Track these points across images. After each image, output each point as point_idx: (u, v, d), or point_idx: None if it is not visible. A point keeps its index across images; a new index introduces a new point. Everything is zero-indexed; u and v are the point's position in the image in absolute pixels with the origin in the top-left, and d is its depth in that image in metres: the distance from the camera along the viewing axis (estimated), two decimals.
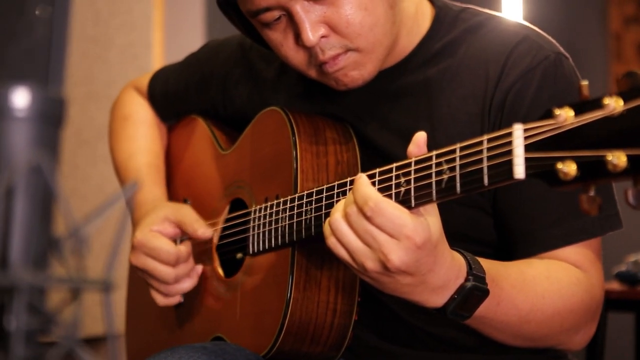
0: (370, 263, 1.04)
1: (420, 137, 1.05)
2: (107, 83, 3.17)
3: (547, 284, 1.18)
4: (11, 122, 0.53)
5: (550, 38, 1.30)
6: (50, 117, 0.56)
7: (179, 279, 1.42)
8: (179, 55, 1.76)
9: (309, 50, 1.23)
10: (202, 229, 1.43)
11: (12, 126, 0.53)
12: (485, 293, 1.09)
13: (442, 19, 1.33)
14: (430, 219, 1.03)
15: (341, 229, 1.05)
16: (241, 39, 1.54)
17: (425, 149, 1.05)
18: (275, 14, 1.23)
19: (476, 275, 1.08)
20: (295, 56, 1.26)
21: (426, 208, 1.04)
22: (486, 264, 1.12)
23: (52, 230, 0.58)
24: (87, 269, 0.57)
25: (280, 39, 1.25)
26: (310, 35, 1.20)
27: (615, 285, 2.33)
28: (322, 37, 1.21)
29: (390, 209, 1.01)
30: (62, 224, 0.58)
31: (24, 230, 0.54)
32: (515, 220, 1.24)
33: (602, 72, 4.09)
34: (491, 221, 1.28)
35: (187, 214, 1.45)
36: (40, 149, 0.55)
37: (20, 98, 0.54)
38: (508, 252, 1.27)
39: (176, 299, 1.46)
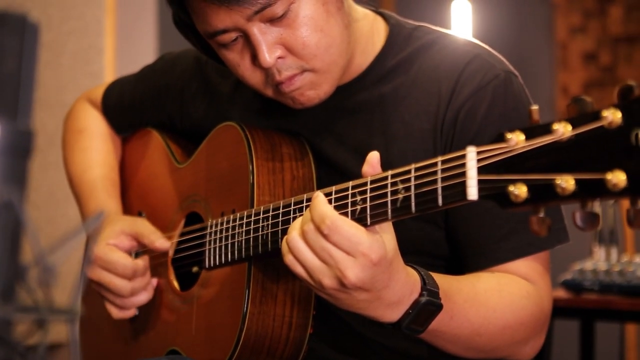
0: (327, 280, 1.06)
1: (374, 157, 1.08)
2: (58, 89, 3.14)
3: (499, 298, 1.21)
4: None
5: (500, 57, 1.33)
6: (19, 149, 0.57)
7: (135, 292, 1.43)
8: (131, 61, 1.76)
9: (266, 71, 1.25)
10: (160, 240, 1.44)
11: None
12: (439, 307, 1.12)
13: (396, 36, 1.36)
14: (385, 236, 1.06)
15: (298, 246, 1.07)
16: (197, 52, 1.54)
17: (379, 168, 1.08)
18: (232, 35, 1.24)
19: (430, 290, 1.11)
20: (252, 76, 1.27)
21: (382, 226, 1.06)
22: (439, 278, 1.14)
23: (20, 260, 0.59)
24: (53, 299, 0.58)
25: (237, 59, 1.27)
26: (267, 56, 1.22)
27: (561, 293, 2.38)
28: (279, 58, 1.23)
29: (346, 227, 1.04)
30: (30, 254, 0.59)
31: None
32: (466, 234, 1.28)
33: (549, 80, 4.17)
34: (443, 234, 1.31)
35: (143, 226, 1.45)
36: (9, 182, 0.56)
37: None
38: (459, 265, 1.30)
39: (131, 312, 1.46)
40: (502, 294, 1.21)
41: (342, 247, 1.04)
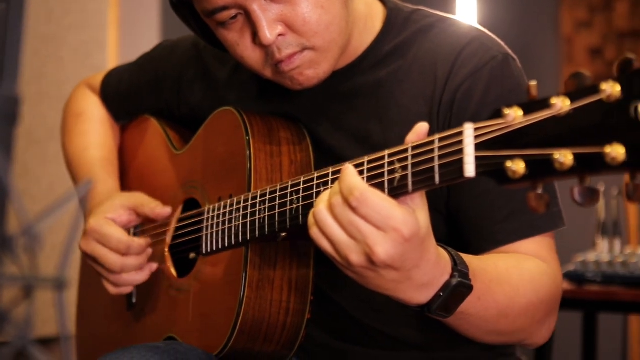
0: (355, 256, 0.98)
1: (422, 127, 1.01)
2: (59, 82, 3.13)
3: (520, 276, 1.17)
4: None
5: (499, 40, 1.32)
6: (5, 115, 0.55)
7: (125, 269, 1.40)
8: (133, 54, 1.75)
9: (265, 50, 1.23)
10: (160, 208, 1.43)
11: None
12: (470, 289, 1.06)
13: (394, 20, 1.34)
14: (419, 212, 1.00)
15: (325, 219, 1.00)
16: (195, 39, 1.53)
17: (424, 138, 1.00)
18: (232, 12, 1.22)
19: (461, 272, 1.05)
20: (251, 56, 1.25)
21: (415, 202, 1.00)
22: (466, 258, 1.09)
23: (5, 228, 0.58)
24: (40, 267, 0.57)
25: (236, 38, 1.25)
26: (268, 33, 1.20)
27: (563, 285, 2.35)
28: (279, 35, 1.21)
29: (377, 200, 0.96)
30: (15, 222, 0.58)
31: None
32: (468, 217, 1.25)
33: (554, 75, 4.16)
34: (442, 219, 1.29)
35: (142, 197, 1.45)
36: None
37: None
38: (460, 249, 1.28)
39: (127, 289, 1.44)
40: (522, 272, 1.17)
41: (372, 221, 0.96)
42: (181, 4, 1.30)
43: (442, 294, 1.04)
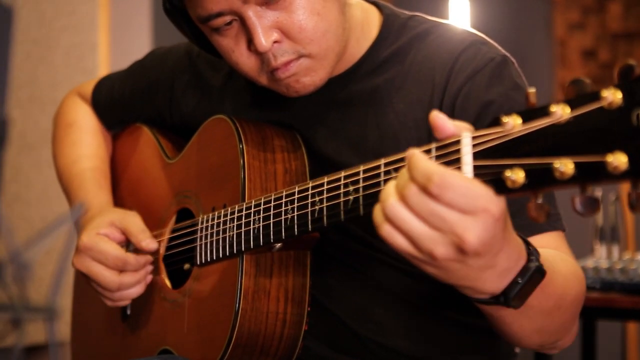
0: (442, 249, 0.88)
1: (440, 119, 0.92)
2: (51, 85, 3.11)
3: (566, 267, 1.12)
4: None
5: (495, 44, 1.30)
6: None
7: (122, 286, 1.38)
8: (125, 57, 1.73)
9: (261, 57, 1.21)
10: (147, 241, 1.39)
11: None
12: (543, 275, 0.98)
13: (390, 26, 1.33)
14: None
15: (400, 215, 0.88)
16: (188, 46, 1.52)
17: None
18: (227, 19, 1.21)
19: (533, 254, 0.97)
20: (247, 62, 1.23)
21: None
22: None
23: None
24: (30, 296, 0.55)
25: (231, 45, 1.23)
26: (263, 40, 1.18)
27: None
28: (275, 42, 1.20)
29: (460, 181, 0.85)
30: (4, 250, 0.56)
31: None
32: None
33: (548, 77, 4.15)
34: None
35: (133, 223, 1.41)
36: None
37: None
38: None
39: (124, 302, 1.43)
40: (566, 263, 1.13)
41: (459, 205, 0.85)
42: (175, 10, 1.28)
43: (520, 281, 0.95)
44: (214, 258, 1.31)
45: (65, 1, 3.19)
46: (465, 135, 0.90)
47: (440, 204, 0.85)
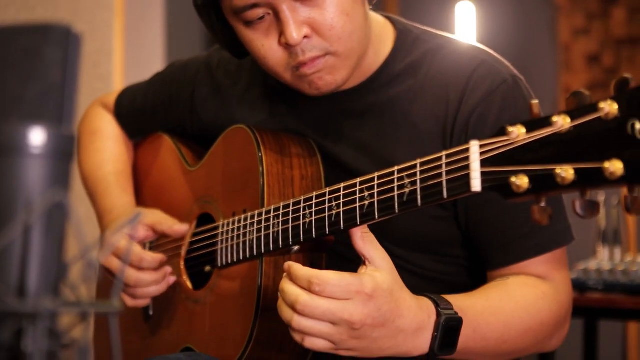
0: (344, 334, 1.08)
1: None
2: None
3: (514, 304, 1.24)
4: (28, 159, 0.58)
5: (505, 61, 1.37)
6: (64, 153, 0.61)
7: (140, 283, 1.44)
8: (139, 64, 1.79)
9: (289, 50, 1.27)
10: (178, 225, 1.47)
11: (29, 162, 0.58)
12: (460, 322, 1.15)
13: (404, 40, 1.39)
14: (377, 272, 1.10)
15: (308, 325, 1.09)
16: (207, 58, 1.58)
17: None
18: (260, 12, 1.26)
19: (445, 309, 1.14)
20: (274, 57, 1.29)
21: (375, 262, 1.11)
22: (449, 298, 1.18)
23: (64, 257, 0.63)
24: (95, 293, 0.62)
25: (261, 38, 1.29)
26: (295, 33, 1.24)
27: None
28: (305, 37, 1.26)
29: (334, 275, 1.08)
30: (75, 251, 0.63)
31: (41, 262, 0.59)
32: (487, 234, 1.31)
33: (552, 82, 4.20)
34: (457, 234, 1.34)
35: (159, 215, 1.50)
36: (55, 184, 0.59)
37: (37, 136, 0.59)
38: (481, 263, 1.34)
39: (144, 302, 1.49)
40: (516, 300, 1.24)
41: (337, 296, 1.07)
42: (206, 4, 1.33)
43: (437, 334, 1.13)
44: (235, 260, 1.37)
45: (81, 8, 3.26)
46: (473, 144, 0.97)
47: (323, 299, 1.07)
